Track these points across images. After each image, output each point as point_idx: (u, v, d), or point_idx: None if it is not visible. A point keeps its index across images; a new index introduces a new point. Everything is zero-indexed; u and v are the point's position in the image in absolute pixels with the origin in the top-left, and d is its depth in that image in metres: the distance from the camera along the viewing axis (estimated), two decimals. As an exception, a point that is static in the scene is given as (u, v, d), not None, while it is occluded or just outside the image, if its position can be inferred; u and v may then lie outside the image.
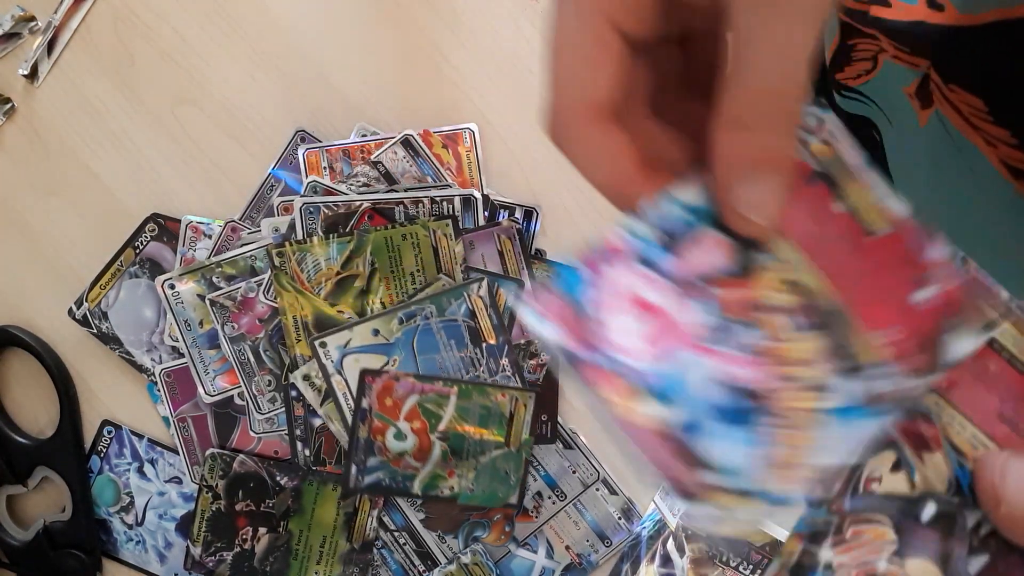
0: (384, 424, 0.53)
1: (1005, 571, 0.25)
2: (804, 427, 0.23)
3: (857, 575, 0.25)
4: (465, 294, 0.52)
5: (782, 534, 0.51)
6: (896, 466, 0.25)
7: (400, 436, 0.53)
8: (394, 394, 0.52)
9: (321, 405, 0.53)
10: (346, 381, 0.52)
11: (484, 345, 0.53)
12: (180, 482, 0.56)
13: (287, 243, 0.53)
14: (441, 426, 0.53)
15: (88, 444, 0.57)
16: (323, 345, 0.52)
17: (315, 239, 0.53)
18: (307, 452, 0.54)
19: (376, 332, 0.52)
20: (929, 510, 0.25)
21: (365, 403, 0.52)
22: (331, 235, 0.53)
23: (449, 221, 0.53)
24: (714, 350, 0.23)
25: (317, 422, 0.54)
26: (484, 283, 0.52)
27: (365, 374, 0.52)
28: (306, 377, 0.53)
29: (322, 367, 0.52)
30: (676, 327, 0.23)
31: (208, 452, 0.54)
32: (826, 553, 0.25)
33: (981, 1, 0.34)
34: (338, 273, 0.53)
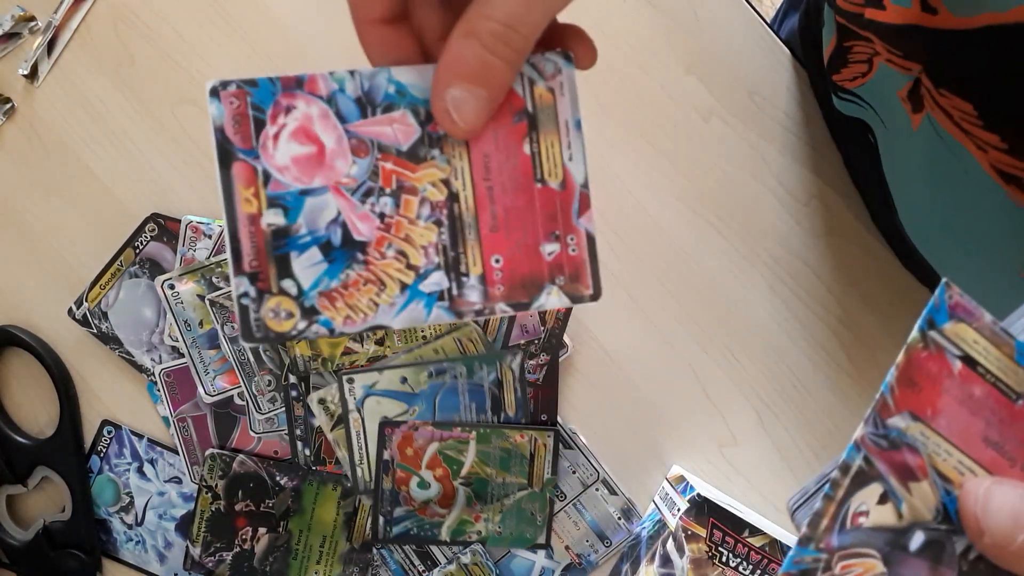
0: (407, 474, 0.53)
1: None
2: (383, 290, 0.28)
3: None
4: (498, 363, 0.53)
5: (782, 534, 0.51)
6: (883, 499, 0.26)
7: (424, 485, 0.53)
8: (414, 443, 0.53)
9: (332, 430, 0.53)
10: (362, 420, 0.53)
11: (503, 414, 0.54)
12: (180, 482, 0.56)
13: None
14: (463, 472, 0.53)
15: (88, 444, 0.57)
16: (350, 380, 0.52)
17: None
18: (307, 452, 0.54)
19: (404, 380, 0.53)
20: (917, 539, 0.25)
21: (387, 455, 0.53)
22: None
23: None
24: (349, 200, 0.28)
25: (316, 422, 0.54)
26: (519, 357, 0.53)
27: (384, 425, 0.52)
28: (322, 401, 0.53)
29: (343, 401, 0.52)
30: (330, 168, 0.28)
31: (208, 452, 0.54)
32: None
33: (974, 5, 0.34)
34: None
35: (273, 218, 0.28)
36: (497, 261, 0.28)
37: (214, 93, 0.28)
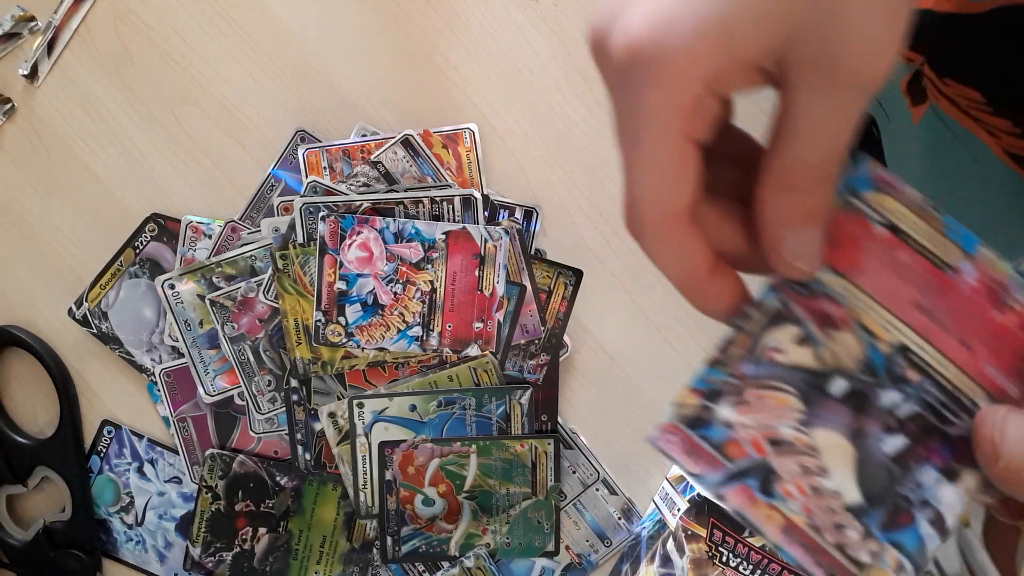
0: (411, 492, 0.53)
1: (924, 455, 0.25)
2: (387, 330, 0.50)
3: (759, 435, 0.25)
4: (508, 397, 0.53)
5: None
6: (801, 341, 0.26)
7: (428, 502, 0.54)
8: (415, 461, 0.53)
9: (337, 444, 0.53)
10: (369, 445, 0.53)
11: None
12: (180, 482, 0.56)
13: (290, 246, 0.53)
14: (466, 486, 0.53)
15: (88, 444, 0.57)
16: (360, 405, 0.53)
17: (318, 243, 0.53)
18: (307, 456, 0.54)
19: (413, 408, 0.53)
20: (839, 386, 0.26)
21: (389, 475, 0.53)
22: (331, 235, 0.54)
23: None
24: (380, 283, 0.50)
25: (318, 426, 0.54)
26: (528, 393, 0.53)
27: (385, 446, 0.53)
28: (332, 415, 0.53)
29: (352, 426, 0.53)
30: (373, 265, 0.44)
31: (208, 452, 0.54)
32: (725, 411, 0.26)
33: None
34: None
35: (340, 284, 0.52)
36: (449, 326, 0.52)
37: (323, 219, 0.52)
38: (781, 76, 0.24)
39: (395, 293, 0.52)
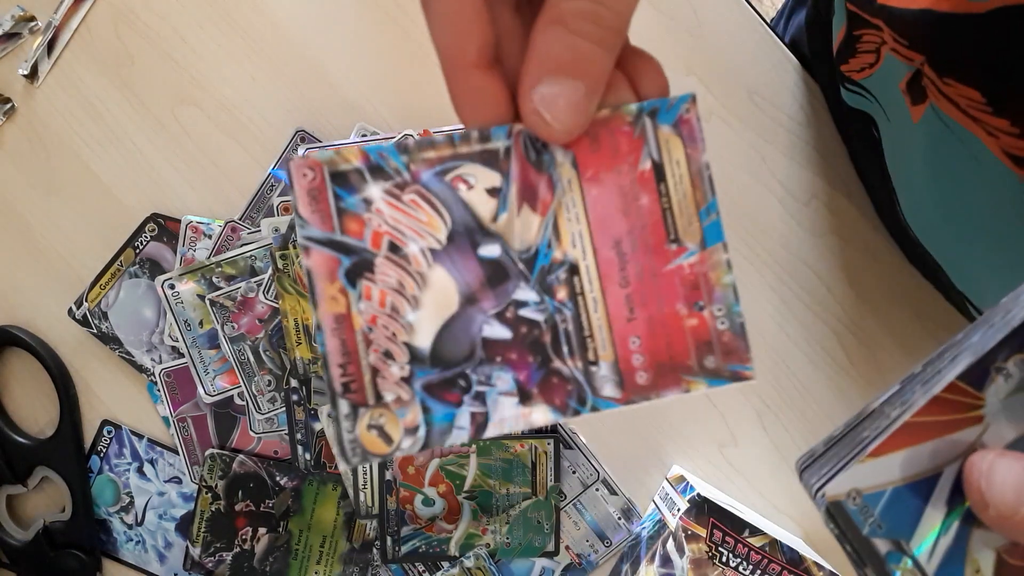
0: (411, 492, 0.53)
1: (513, 362, 0.24)
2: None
3: (385, 232, 0.23)
4: None
5: (782, 534, 0.51)
6: (493, 192, 0.24)
7: (428, 502, 0.54)
8: (415, 461, 0.53)
9: None
10: None
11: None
12: (180, 482, 0.56)
13: (290, 246, 0.53)
14: (466, 486, 0.54)
15: (88, 444, 0.57)
16: None
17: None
18: (307, 456, 0.54)
19: None
20: (490, 250, 0.24)
21: (388, 475, 0.53)
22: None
23: None
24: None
25: (318, 426, 0.54)
26: None
27: None
28: (331, 414, 0.53)
29: None
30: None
31: (208, 452, 0.54)
32: (375, 191, 0.24)
33: None
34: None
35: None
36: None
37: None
38: None
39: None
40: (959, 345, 0.25)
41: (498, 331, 0.24)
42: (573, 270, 0.24)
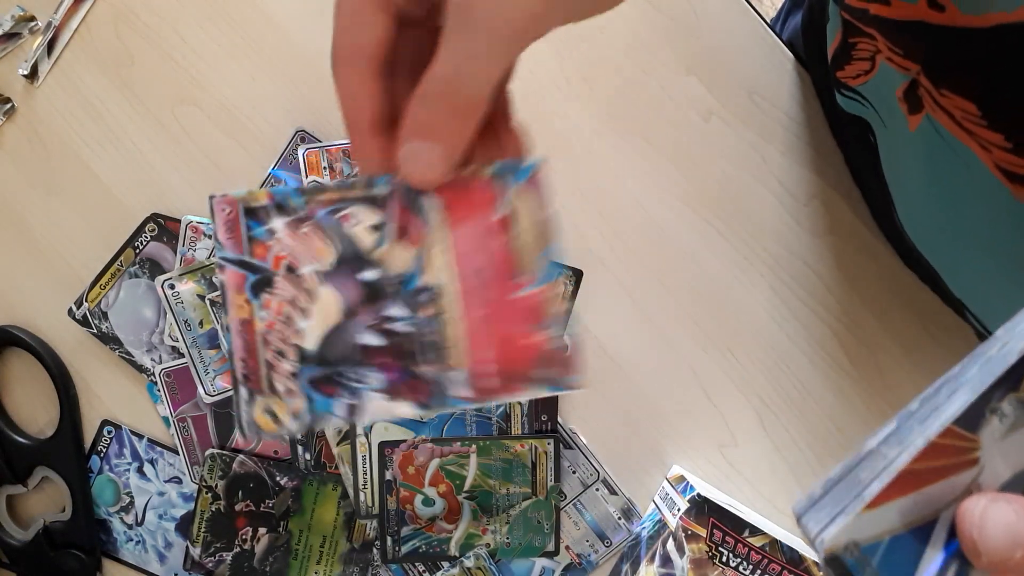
0: (411, 492, 0.54)
1: (383, 365, 0.29)
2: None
3: (285, 256, 0.29)
4: None
5: (782, 534, 0.51)
6: (375, 228, 0.29)
7: (428, 502, 0.54)
8: (415, 462, 0.53)
9: (337, 444, 0.53)
10: (369, 445, 0.53)
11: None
12: (180, 482, 0.56)
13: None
14: (466, 486, 0.54)
15: (88, 444, 0.57)
16: None
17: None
18: (307, 456, 0.54)
19: None
20: (368, 274, 0.29)
21: (388, 475, 0.53)
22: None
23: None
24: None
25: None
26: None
27: (384, 446, 0.53)
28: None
29: (352, 426, 0.53)
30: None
31: (208, 452, 0.54)
32: (278, 224, 0.29)
33: (984, 3, 0.34)
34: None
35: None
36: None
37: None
38: None
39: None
40: (955, 380, 0.26)
41: (371, 340, 0.29)
42: (439, 293, 0.29)
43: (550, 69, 0.56)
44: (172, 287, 0.54)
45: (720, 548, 0.49)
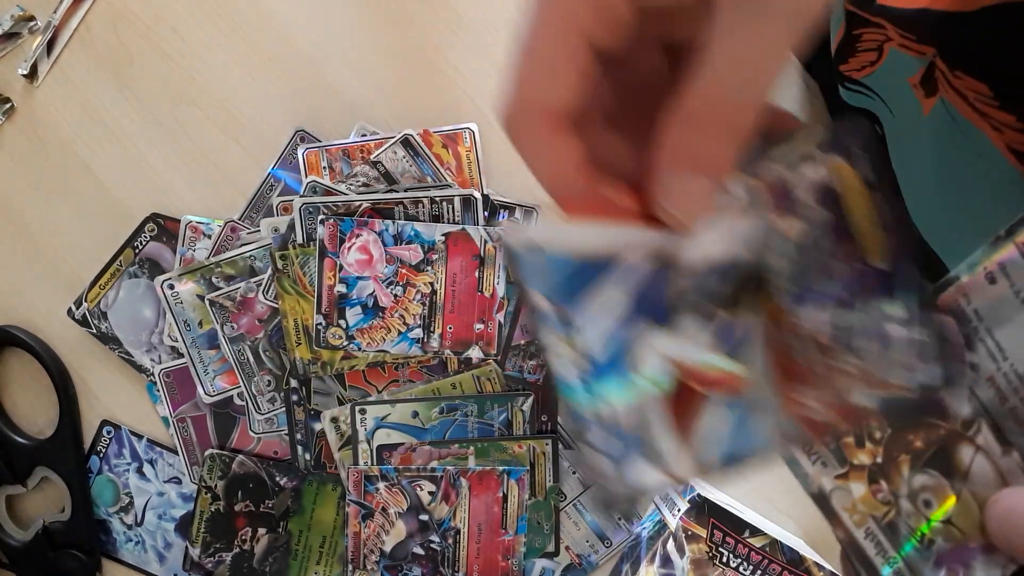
0: None
1: None
2: (388, 332, 0.53)
3: (380, 503, 0.51)
4: (509, 404, 0.53)
5: (782, 534, 0.50)
6: (431, 493, 0.52)
7: None
8: (415, 463, 0.53)
9: (339, 449, 0.53)
10: (371, 451, 0.53)
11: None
12: (179, 482, 0.56)
13: (290, 246, 0.53)
14: None
15: (87, 444, 0.57)
16: (362, 411, 0.53)
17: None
18: (307, 456, 0.54)
19: (415, 414, 0.53)
20: (423, 517, 0.52)
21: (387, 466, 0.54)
22: (331, 235, 0.54)
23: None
24: (380, 285, 0.52)
25: (318, 426, 0.54)
26: (530, 400, 0.53)
27: (383, 449, 0.53)
28: (334, 420, 0.53)
29: (354, 432, 0.53)
30: (374, 267, 0.51)
31: (207, 452, 0.54)
32: (381, 484, 0.51)
33: None
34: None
35: (340, 288, 0.52)
36: (450, 328, 0.53)
37: (322, 222, 0.52)
38: None
39: (395, 295, 0.52)
40: None
41: (419, 551, 0.53)
42: (458, 532, 0.53)
43: (550, 69, 0.55)
44: (171, 287, 0.54)
45: (720, 548, 0.49)
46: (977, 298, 0.25)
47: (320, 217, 0.52)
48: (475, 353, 0.53)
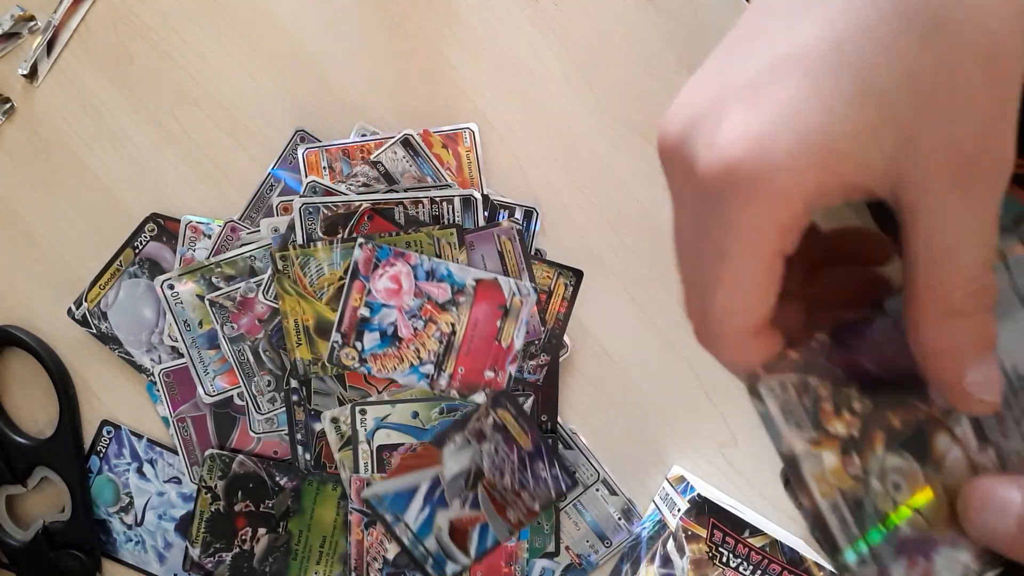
0: None
1: None
2: (400, 363, 0.53)
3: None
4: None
5: (782, 534, 0.51)
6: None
7: None
8: None
9: (339, 450, 0.53)
10: (371, 451, 0.53)
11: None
12: (179, 482, 0.56)
13: (290, 247, 0.53)
14: None
15: (87, 444, 0.57)
16: (363, 412, 0.53)
17: (319, 244, 0.53)
18: (307, 456, 0.54)
19: (416, 415, 0.53)
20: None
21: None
22: (335, 240, 0.53)
23: (454, 230, 0.53)
24: (403, 316, 0.53)
25: (318, 426, 0.54)
26: (530, 400, 0.54)
27: (383, 449, 0.53)
28: (334, 420, 0.53)
29: (355, 432, 0.53)
30: (400, 298, 0.53)
31: (207, 452, 0.54)
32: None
33: None
34: (340, 279, 0.53)
35: (364, 311, 0.53)
36: (461, 370, 0.53)
37: (360, 245, 0.52)
38: (900, 191, 0.22)
39: (415, 328, 0.53)
40: None
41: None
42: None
43: (550, 69, 0.55)
44: (171, 287, 0.54)
45: (720, 548, 0.49)
46: None
47: (359, 240, 0.52)
48: (479, 399, 0.53)
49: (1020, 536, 0.23)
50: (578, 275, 0.55)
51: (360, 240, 0.52)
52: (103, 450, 0.57)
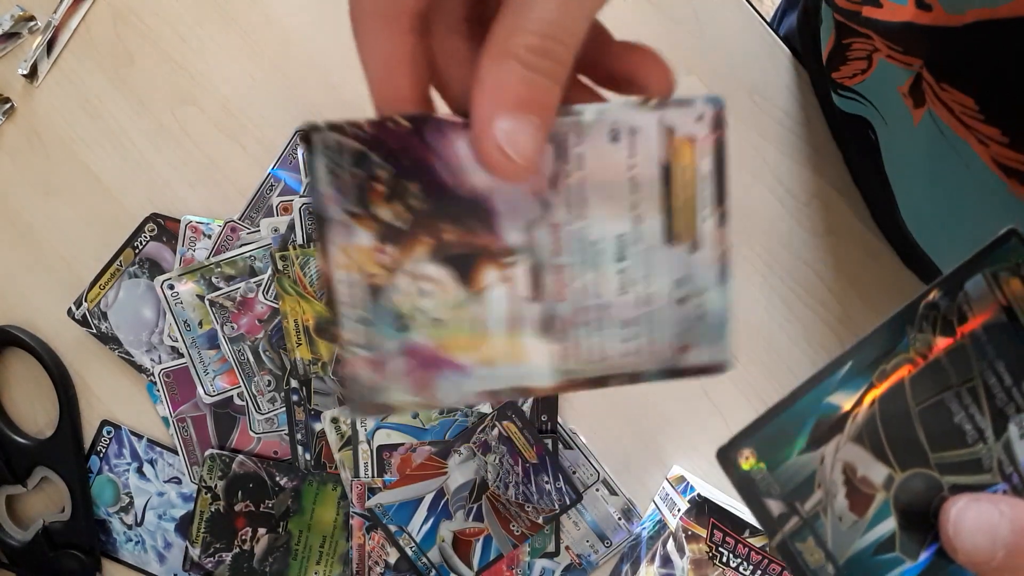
0: None
1: None
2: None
3: None
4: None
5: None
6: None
7: None
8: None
9: (339, 450, 0.53)
10: (371, 451, 0.53)
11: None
12: (179, 482, 0.56)
13: (290, 247, 0.53)
14: None
15: (87, 444, 0.57)
16: None
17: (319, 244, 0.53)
18: (307, 456, 0.54)
19: (415, 415, 0.53)
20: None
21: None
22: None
23: None
24: None
25: (318, 426, 0.54)
26: (530, 400, 0.54)
27: (383, 450, 0.53)
28: (334, 420, 0.53)
29: (355, 432, 0.53)
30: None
31: (207, 452, 0.54)
32: None
33: (965, 1, 0.34)
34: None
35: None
36: None
37: None
38: None
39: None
40: None
41: None
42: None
43: (550, 69, 0.55)
44: (171, 287, 0.54)
45: (720, 548, 0.49)
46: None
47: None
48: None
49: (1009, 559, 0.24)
50: (578, 275, 0.55)
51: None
52: (103, 450, 0.57)
